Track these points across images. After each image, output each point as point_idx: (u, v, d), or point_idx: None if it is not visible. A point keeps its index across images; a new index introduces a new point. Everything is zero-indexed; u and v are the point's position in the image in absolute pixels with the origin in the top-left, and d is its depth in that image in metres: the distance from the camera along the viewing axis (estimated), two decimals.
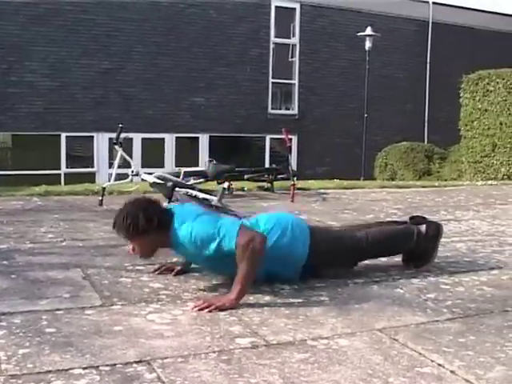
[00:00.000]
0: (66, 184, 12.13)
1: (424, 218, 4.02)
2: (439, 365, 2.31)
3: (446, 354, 2.42)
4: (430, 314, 2.93)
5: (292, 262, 3.34)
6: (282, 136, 8.43)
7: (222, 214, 3.59)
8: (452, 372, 2.25)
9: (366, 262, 3.91)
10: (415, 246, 3.73)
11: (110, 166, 7.60)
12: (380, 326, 2.74)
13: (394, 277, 3.62)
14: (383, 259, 4.00)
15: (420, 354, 2.42)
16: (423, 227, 3.78)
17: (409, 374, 2.22)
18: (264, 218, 3.42)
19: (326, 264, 3.56)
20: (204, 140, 17.64)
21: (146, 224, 3.12)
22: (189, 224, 3.10)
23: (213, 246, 3.04)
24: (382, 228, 3.84)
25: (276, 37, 18.83)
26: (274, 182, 8.21)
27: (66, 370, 2.19)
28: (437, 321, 2.82)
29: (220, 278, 3.41)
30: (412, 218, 4.00)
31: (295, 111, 19.26)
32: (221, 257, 3.05)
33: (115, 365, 2.24)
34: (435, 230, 3.81)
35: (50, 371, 2.17)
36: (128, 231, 3.16)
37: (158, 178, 5.99)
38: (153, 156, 16.48)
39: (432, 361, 2.35)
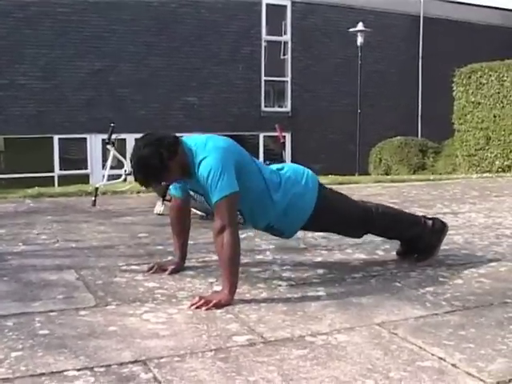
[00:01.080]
0: (59, 186, 12.07)
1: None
2: (440, 358, 2.28)
3: (447, 347, 2.39)
4: (429, 307, 2.90)
5: (296, 214, 3.36)
6: (276, 134, 8.40)
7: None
8: (453, 365, 2.22)
9: (364, 256, 3.88)
10: (419, 238, 3.70)
11: (104, 167, 7.56)
12: (379, 320, 2.70)
13: (391, 271, 3.59)
14: (381, 253, 3.97)
15: (420, 347, 2.38)
16: (430, 221, 3.79)
17: (409, 368, 2.19)
18: (280, 165, 3.51)
19: (332, 226, 3.58)
20: None
21: (161, 163, 3.04)
22: (207, 151, 3.06)
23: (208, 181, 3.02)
24: (392, 207, 3.94)
25: (268, 34, 18.80)
26: None
27: (60, 371, 2.15)
28: (436, 314, 2.79)
29: (215, 274, 3.37)
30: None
31: (288, 109, 19.23)
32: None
33: (110, 365, 2.20)
34: (441, 225, 3.80)
35: (43, 374, 2.13)
36: (151, 178, 3.15)
37: None
38: None
39: (433, 354, 2.31)
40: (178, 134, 3.23)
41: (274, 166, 3.52)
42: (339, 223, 3.57)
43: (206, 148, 3.08)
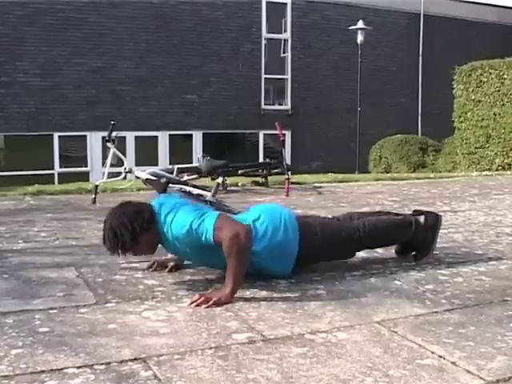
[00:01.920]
0: (59, 184, 12.07)
1: (423, 210, 3.98)
2: (440, 356, 2.28)
3: (447, 345, 2.39)
4: (428, 305, 2.90)
5: (284, 259, 3.29)
6: (276, 131, 8.40)
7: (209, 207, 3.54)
8: (453, 363, 2.22)
9: (363, 254, 3.88)
10: (413, 237, 3.67)
11: (104, 164, 7.58)
12: (379, 318, 2.70)
13: (391, 269, 3.59)
14: (380, 251, 3.97)
15: (420, 345, 2.38)
16: (422, 218, 3.73)
17: (409, 366, 2.19)
18: (255, 213, 3.34)
19: (321, 258, 3.52)
20: (197, 137, 17.59)
21: (132, 236, 3.07)
22: (171, 215, 3.08)
23: (190, 234, 3.01)
24: (379, 218, 3.78)
25: (268, 32, 18.79)
26: (269, 177, 8.17)
27: (60, 369, 2.15)
28: (436, 312, 2.79)
29: (215, 272, 3.37)
30: (414, 211, 3.97)
31: (288, 106, 19.23)
32: (207, 247, 3.03)
33: (110, 363, 2.20)
34: (434, 220, 3.75)
35: (43, 371, 2.13)
36: (118, 248, 3.11)
37: (152, 174, 5.94)
38: (146, 154, 16.43)
39: (432, 352, 2.31)
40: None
41: (249, 216, 3.33)
42: (328, 253, 3.49)
43: (171, 210, 3.11)
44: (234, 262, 2.93)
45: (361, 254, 3.92)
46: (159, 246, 3.26)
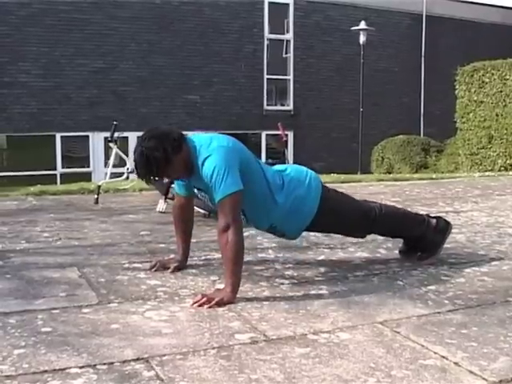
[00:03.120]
0: (62, 184, 12.07)
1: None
2: (442, 357, 2.27)
3: (449, 345, 2.38)
4: (431, 305, 2.89)
5: (301, 215, 3.34)
6: (278, 132, 8.40)
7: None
8: (456, 364, 2.21)
9: (366, 254, 3.88)
10: (423, 235, 3.69)
11: (106, 165, 7.60)
12: (381, 318, 2.70)
13: (394, 269, 3.59)
14: (383, 251, 3.96)
15: (423, 346, 2.38)
16: (433, 220, 3.77)
17: (412, 366, 2.19)
18: (283, 166, 3.52)
19: (334, 226, 3.56)
20: None
21: (165, 156, 3.01)
22: (205, 152, 3.06)
23: (208, 180, 3.02)
24: (395, 206, 3.94)
25: (270, 33, 18.80)
26: None
27: (63, 369, 2.15)
28: (438, 312, 2.79)
29: (217, 273, 3.37)
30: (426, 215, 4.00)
31: (291, 107, 19.23)
32: None
33: (113, 363, 2.20)
34: (445, 224, 3.79)
35: (46, 371, 2.13)
36: (154, 172, 3.09)
37: None
38: None
39: (435, 353, 2.31)
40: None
41: (277, 167, 3.50)
42: (342, 224, 3.55)
43: (210, 147, 3.07)
44: (229, 259, 2.95)
45: (363, 254, 3.93)
46: None
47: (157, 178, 3.18)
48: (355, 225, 3.59)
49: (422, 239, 3.71)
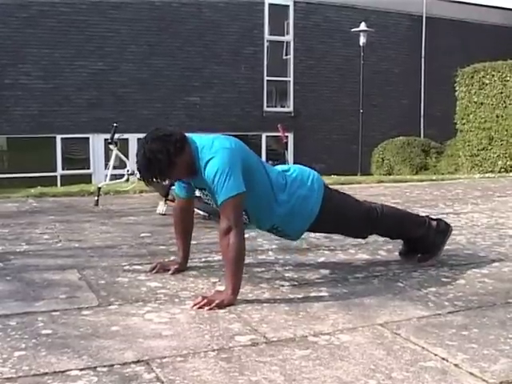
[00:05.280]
0: (62, 186, 12.07)
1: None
2: (443, 358, 2.27)
3: (450, 347, 2.38)
4: (431, 307, 2.89)
5: (303, 215, 3.35)
6: (278, 133, 8.40)
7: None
8: (456, 365, 2.21)
9: (366, 256, 3.88)
10: (423, 236, 3.69)
11: (107, 167, 7.62)
12: (381, 320, 2.70)
13: (394, 271, 3.59)
14: (383, 253, 3.96)
15: (423, 347, 2.38)
16: (434, 222, 3.78)
17: (412, 368, 2.19)
18: (287, 166, 3.53)
19: (336, 227, 3.57)
20: None
21: (168, 158, 3.02)
22: (208, 154, 3.05)
23: (211, 182, 3.03)
24: (396, 207, 3.96)
25: (270, 34, 18.79)
26: None
27: (63, 371, 2.15)
28: (439, 314, 2.79)
29: (218, 275, 3.37)
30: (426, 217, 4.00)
31: (291, 109, 19.22)
32: None
33: (113, 365, 2.20)
34: (445, 226, 3.80)
35: (46, 373, 2.13)
36: (157, 174, 3.08)
37: None
38: None
39: (435, 355, 2.31)
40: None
41: (280, 167, 3.51)
42: (344, 225, 3.56)
43: (213, 148, 3.07)
44: (230, 262, 2.95)
45: (364, 256, 3.93)
46: None
47: (159, 181, 3.18)
48: (357, 225, 3.59)
49: (422, 240, 3.72)
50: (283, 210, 3.29)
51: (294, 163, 15.08)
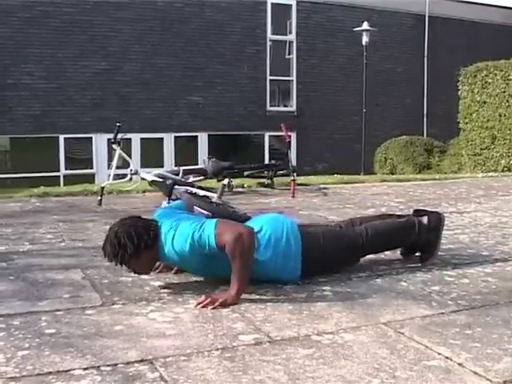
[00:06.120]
0: (65, 186, 12.08)
1: (426, 210, 3.96)
2: (446, 357, 2.27)
3: (453, 346, 2.38)
4: (435, 306, 2.89)
5: (287, 269, 3.25)
6: (281, 133, 8.39)
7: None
8: (460, 364, 2.21)
9: (369, 256, 3.87)
10: (417, 239, 3.66)
11: (110, 166, 7.62)
12: (385, 319, 2.70)
13: (397, 270, 3.58)
14: (387, 252, 3.96)
15: (426, 346, 2.38)
16: (425, 218, 3.71)
17: (416, 367, 2.18)
18: (258, 224, 3.29)
19: (325, 267, 3.47)
20: (203, 139, 17.59)
21: (135, 250, 3.04)
22: (171, 233, 3.05)
23: (192, 247, 2.98)
24: (382, 222, 3.75)
25: (273, 34, 18.78)
26: (275, 178, 8.16)
27: (67, 370, 2.15)
28: (442, 313, 2.79)
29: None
30: (415, 210, 3.96)
31: (294, 108, 19.21)
32: (212, 257, 3.02)
33: (116, 365, 2.21)
34: (437, 220, 3.73)
35: (50, 372, 2.14)
36: (118, 257, 3.09)
37: (157, 176, 5.95)
38: (152, 156, 16.45)
39: (439, 353, 2.31)
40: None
41: (252, 226, 3.24)
42: (333, 262, 3.48)
43: (171, 228, 3.08)
44: (238, 263, 2.93)
45: (367, 256, 3.91)
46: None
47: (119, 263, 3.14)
48: (346, 258, 3.53)
49: (417, 241, 3.69)
50: (266, 270, 3.18)
51: (298, 163, 15.10)
